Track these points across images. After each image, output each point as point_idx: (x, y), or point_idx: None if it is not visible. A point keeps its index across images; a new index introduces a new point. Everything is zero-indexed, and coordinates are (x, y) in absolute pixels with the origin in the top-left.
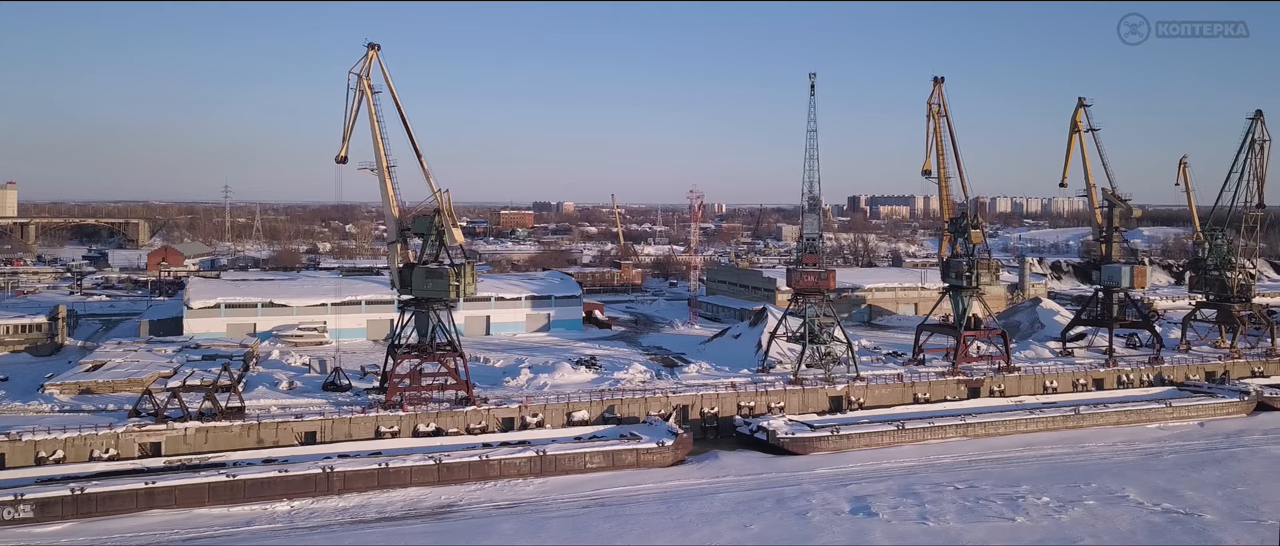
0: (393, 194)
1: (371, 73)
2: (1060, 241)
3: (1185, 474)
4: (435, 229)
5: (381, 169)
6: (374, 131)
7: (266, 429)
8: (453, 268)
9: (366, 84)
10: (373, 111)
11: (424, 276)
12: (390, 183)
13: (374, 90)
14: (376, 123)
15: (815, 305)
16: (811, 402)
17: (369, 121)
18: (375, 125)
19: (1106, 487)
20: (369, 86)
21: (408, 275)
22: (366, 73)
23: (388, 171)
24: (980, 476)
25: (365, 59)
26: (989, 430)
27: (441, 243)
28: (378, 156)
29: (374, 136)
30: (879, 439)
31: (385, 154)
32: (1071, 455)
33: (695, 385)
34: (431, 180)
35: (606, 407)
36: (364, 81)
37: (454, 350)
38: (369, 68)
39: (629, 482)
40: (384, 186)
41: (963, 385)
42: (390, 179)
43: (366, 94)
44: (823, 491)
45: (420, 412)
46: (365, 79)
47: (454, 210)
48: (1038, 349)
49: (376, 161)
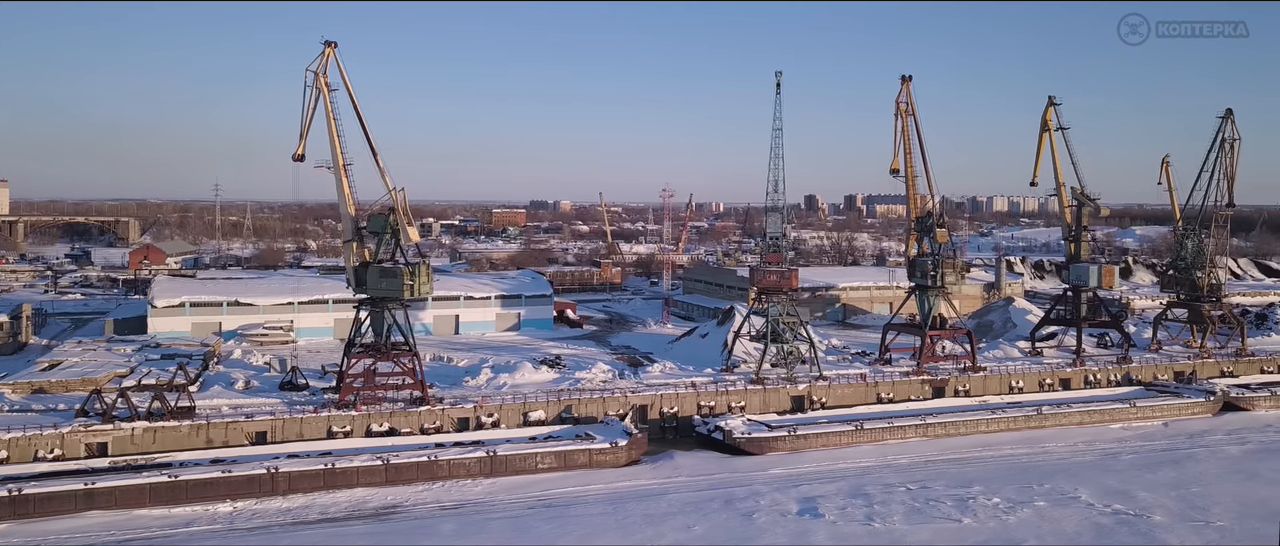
0: (349, 192)
1: (328, 70)
2: (1052, 240)
3: (1140, 474)
4: (391, 228)
5: (337, 167)
6: (330, 129)
7: (216, 429)
8: (407, 267)
9: (323, 82)
10: (329, 109)
11: (378, 275)
12: (346, 181)
13: (331, 88)
14: (333, 120)
15: (778, 304)
16: (773, 402)
17: (325, 119)
18: (331, 123)
19: (1059, 488)
20: (325, 84)
21: (363, 274)
22: (323, 70)
23: (344, 169)
24: (934, 477)
25: (321, 57)
26: (949, 430)
27: (397, 242)
28: (334, 154)
29: (330, 134)
30: (837, 439)
31: (341, 152)
32: (1030, 455)
33: (656, 385)
34: (387, 178)
35: (564, 407)
36: (320, 79)
37: (409, 349)
38: (325, 65)
39: (579, 483)
40: (340, 184)
41: (927, 385)
42: (346, 177)
43: (323, 92)
44: (773, 492)
45: (373, 412)
46: (322, 77)
47: (447, 209)
48: (1007, 348)
49: (332, 159)
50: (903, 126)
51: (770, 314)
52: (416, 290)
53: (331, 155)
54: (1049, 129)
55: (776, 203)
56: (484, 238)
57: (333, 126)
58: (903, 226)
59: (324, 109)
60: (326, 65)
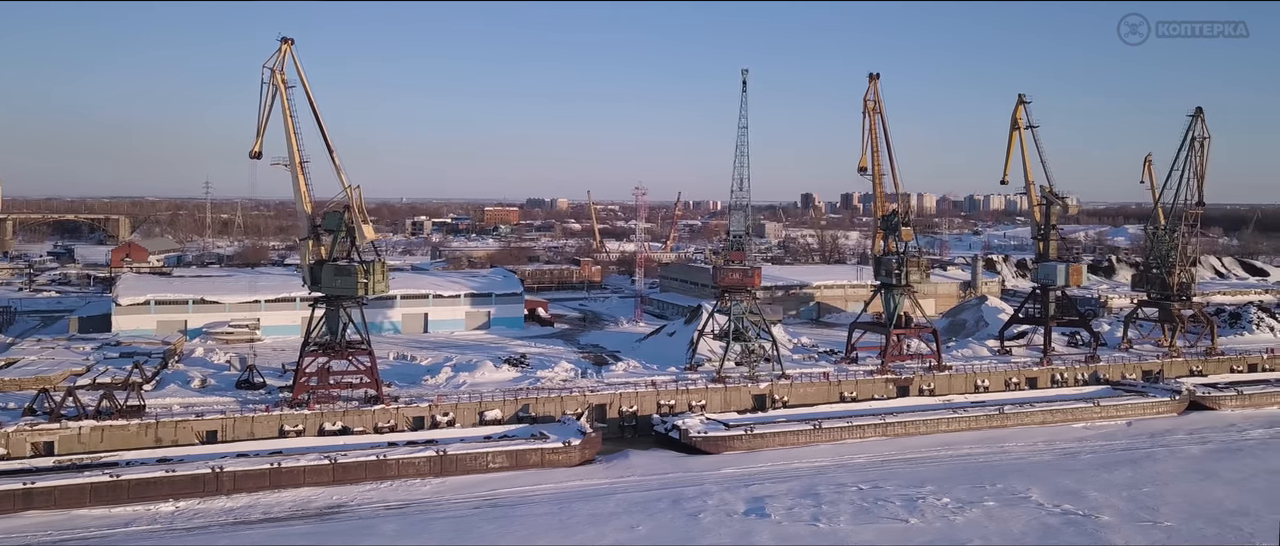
0: (305, 190)
1: (285, 67)
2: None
3: (1096, 474)
4: (345, 226)
5: (294, 164)
6: (287, 126)
7: (165, 428)
8: (362, 265)
9: (279, 79)
10: (286, 106)
11: (333, 273)
12: (303, 178)
13: (288, 85)
14: (289, 118)
15: (742, 303)
16: (734, 401)
17: (282, 116)
18: (288, 120)
19: (1011, 488)
20: (282, 81)
21: (318, 272)
22: (280, 67)
23: (300, 167)
24: (887, 476)
25: (278, 53)
26: (908, 430)
27: (352, 240)
28: (290, 151)
29: (287, 131)
30: (794, 438)
31: (298, 150)
32: (987, 455)
33: (617, 383)
34: (343, 176)
35: (521, 406)
36: (277, 76)
37: (366, 348)
38: (283, 62)
39: (529, 483)
40: (296, 182)
41: (891, 384)
42: (303, 175)
43: (280, 89)
44: (722, 492)
45: (326, 411)
46: (279, 74)
47: (443, 207)
48: (976, 347)
49: (289, 156)
50: (871, 124)
51: (733, 312)
52: (371, 288)
53: (288, 152)
54: (1019, 127)
55: (741, 200)
56: (475, 236)
57: (289, 124)
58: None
59: (280, 106)
60: (283, 62)
